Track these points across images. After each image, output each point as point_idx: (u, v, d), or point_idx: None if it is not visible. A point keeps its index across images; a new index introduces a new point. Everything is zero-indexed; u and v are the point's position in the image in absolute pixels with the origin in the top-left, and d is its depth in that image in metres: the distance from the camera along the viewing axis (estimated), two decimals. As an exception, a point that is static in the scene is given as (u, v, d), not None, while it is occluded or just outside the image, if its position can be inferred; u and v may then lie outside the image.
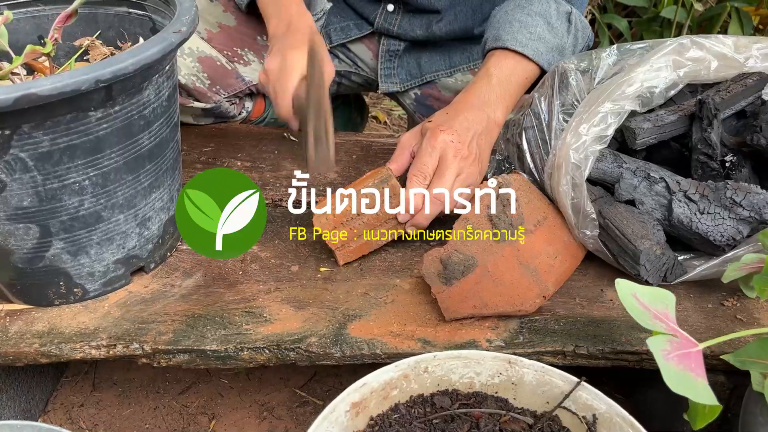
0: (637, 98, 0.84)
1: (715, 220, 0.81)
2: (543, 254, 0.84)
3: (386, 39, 1.34)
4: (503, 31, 1.02)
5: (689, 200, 0.82)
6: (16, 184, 0.72)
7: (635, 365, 0.78)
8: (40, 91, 0.63)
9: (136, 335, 0.79)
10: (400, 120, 2.23)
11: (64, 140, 0.71)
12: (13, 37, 0.86)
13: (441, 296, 0.81)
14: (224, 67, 1.20)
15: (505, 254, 0.82)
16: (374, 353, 0.78)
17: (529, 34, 1.01)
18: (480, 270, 0.81)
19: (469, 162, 0.91)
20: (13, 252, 0.78)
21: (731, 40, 0.84)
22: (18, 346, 0.78)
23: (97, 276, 0.84)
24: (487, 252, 0.82)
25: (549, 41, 1.02)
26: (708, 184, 0.82)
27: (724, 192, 0.81)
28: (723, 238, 0.82)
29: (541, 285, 0.82)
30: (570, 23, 1.05)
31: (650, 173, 0.84)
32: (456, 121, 0.93)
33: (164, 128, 0.82)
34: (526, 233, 0.83)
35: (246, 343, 0.78)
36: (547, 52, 1.02)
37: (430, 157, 0.90)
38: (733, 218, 0.81)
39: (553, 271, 0.84)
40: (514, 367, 0.72)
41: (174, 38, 0.74)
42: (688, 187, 0.82)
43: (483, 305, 0.81)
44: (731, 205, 0.80)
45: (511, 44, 1.00)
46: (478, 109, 0.96)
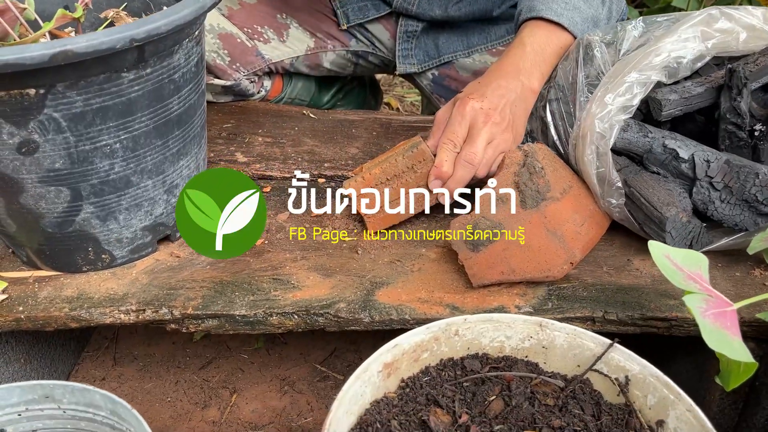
0: (663, 69, 0.83)
1: (733, 210, 0.81)
2: (570, 221, 0.84)
3: (404, 19, 1.34)
4: (537, 2, 1.01)
5: (712, 187, 0.82)
6: (49, 145, 0.72)
7: (665, 332, 0.78)
8: (76, 48, 0.63)
9: (165, 300, 0.79)
10: (412, 107, 2.23)
11: (97, 101, 0.71)
12: (40, 6, 0.86)
13: (468, 262, 0.81)
14: (244, 44, 1.20)
15: (533, 221, 0.82)
16: (403, 318, 0.78)
17: (564, 3, 0.99)
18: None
19: (501, 128, 0.90)
20: (44, 216, 0.78)
21: (761, 11, 0.84)
22: (48, 311, 0.78)
23: (125, 242, 0.84)
24: (514, 218, 0.82)
25: (584, 11, 1.01)
26: (736, 168, 0.81)
27: (750, 187, 0.80)
28: (737, 227, 0.82)
29: (569, 251, 0.82)
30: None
31: (679, 153, 0.84)
32: (488, 89, 0.93)
33: (193, 94, 0.82)
34: (552, 200, 0.83)
35: (275, 308, 0.78)
36: (582, 22, 1.00)
37: (460, 125, 0.89)
38: (752, 211, 0.81)
39: (579, 238, 0.84)
40: (545, 331, 0.72)
41: (205, 1, 0.74)
42: (716, 172, 0.82)
43: (510, 271, 0.81)
44: (753, 201, 0.80)
45: (546, 14, 0.99)
46: (512, 76, 0.95)
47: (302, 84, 1.39)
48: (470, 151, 0.88)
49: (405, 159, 0.89)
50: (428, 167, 0.89)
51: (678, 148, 0.83)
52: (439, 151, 0.89)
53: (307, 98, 1.40)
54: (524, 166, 0.85)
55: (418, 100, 2.19)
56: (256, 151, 1.11)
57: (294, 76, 1.36)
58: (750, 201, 0.79)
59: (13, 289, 0.82)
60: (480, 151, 0.88)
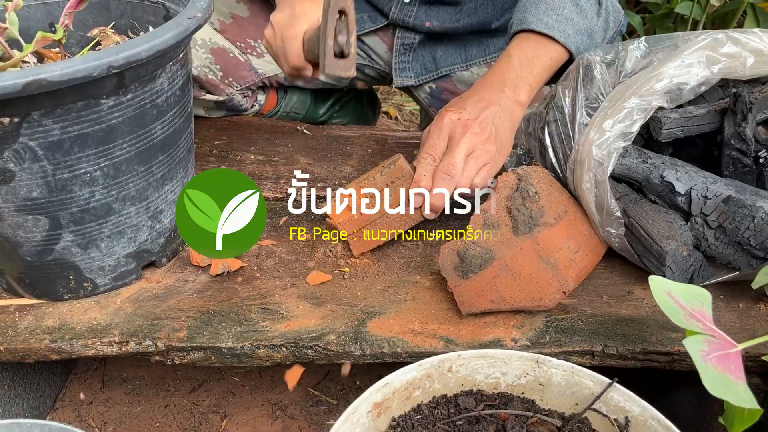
0: (665, 94, 0.80)
1: (727, 249, 0.79)
2: (563, 249, 0.81)
3: (401, 31, 1.31)
4: (528, 14, 0.98)
5: (706, 225, 0.79)
6: (26, 173, 0.69)
7: (666, 366, 0.75)
8: (50, 77, 0.61)
9: (150, 332, 0.77)
10: (411, 115, 2.20)
11: (75, 129, 0.68)
12: (24, 24, 0.84)
13: (458, 290, 0.79)
14: (237, 58, 1.18)
15: (524, 248, 0.79)
16: (395, 352, 0.75)
17: (556, 15, 0.97)
18: (498, 263, 0.78)
19: (482, 139, 0.87)
20: (22, 244, 0.75)
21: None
22: (28, 342, 0.76)
23: (108, 270, 0.82)
24: (505, 245, 0.79)
25: (577, 23, 0.98)
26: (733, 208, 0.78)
27: (743, 231, 0.77)
28: (730, 265, 0.80)
29: (561, 280, 0.79)
30: (600, 6, 1.01)
31: (675, 186, 0.81)
32: (468, 102, 0.90)
33: (178, 118, 0.80)
34: (546, 226, 0.80)
35: (262, 340, 0.76)
36: (575, 35, 0.98)
37: (438, 138, 0.86)
38: (745, 252, 0.78)
39: (573, 266, 0.81)
40: (542, 367, 0.70)
41: (189, 24, 0.72)
42: (711, 210, 0.79)
43: (501, 300, 0.78)
44: (746, 245, 0.77)
45: (536, 26, 0.96)
46: (496, 88, 0.93)
47: (297, 97, 1.36)
48: (448, 163, 0.85)
49: (383, 176, 0.86)
50: (408, 183, 0.86)
51: (675, 181, 0.80)
52: (417, 165, 0.86)
53: (302, 111, 1.37)
54: (517, 191, 0.82)
55: (418, 109, 2.16)
56: (248, 169, 1.08)
57: (289, 89, 1.33)
58: (743, 244, 0.76)
59: (-8, 319, 0.79)
60: (459, 162, 0.85)
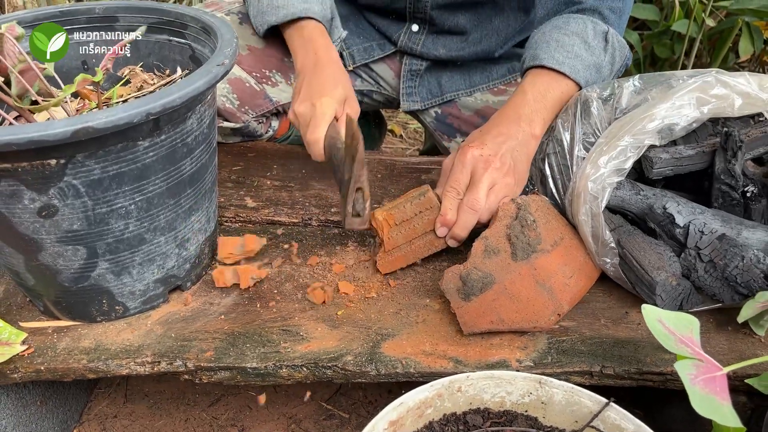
0: (657, 133, 0.86)
1: (714, 282, 0.84)
2: (559, 274, 0.87)
3: (408, 58, 1.37)
4: (540, 50, 1.05)
5: (699, 258, 0.85)
6: (68, 208, 0.75)
7: (660, 385, 0.81)
8: (96, 125, 0.67)
9: (180, 352, 0.82)
10: (415, 133, 2.26)
11: (114, 168, 0.74)
12: (58, 62, 0.89)
13: (460, 311, 0.85)
14: (253, 88, 1.24)
15: (522, 273, 0.85)
16: (408, 372, 0.81)
17: (566, 52, 1.03)
18: (498, 287, 0.84)
19: (502, 173, 0.94)
20: (61, 272, 0.81)
21: (755, 78, 0.86)
22: (67, 362, 0.81)
23: (138, 294, 0.88)
24: (504, 270, 0.85)
25: (586, 59, 1.04)
26: (725, 246, 0.83)
27: (732, 269, 0.82)
28: (715, 297, 0.85)
29: (556, 303, 0.85)
30: (607, 42, 1.07)
31: (675, 219, 0.86)
32: (488, 136, 0.97)
33: (204, 154, 0.85)
34: (543, 253, 0.86)
35: (284, 360, 0.81)
36: (584, 70, 1.04)
37: (462, 173, 0.93)
38: (731, 287, 0.83)
39: (568, 290, 0.87)
40: (544, 387, 0.75)
41: (218, 71, 0.77)
42: (705, 245, 0.84)
43: (500, 321, 0.84)
44: (733, 282, 0.83)
45: (548, 62, 1.03)
46: (513, 122, 1.00)
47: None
48: (472, 198, 0.92)
49: (413, 206, 0.93)
50: (435, 214, 0.93)
51: (676, 214, 0.86)
52: (443, 199, 0.93)
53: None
54: (517, 219, 0.88)
55: (422, 127, 2.22)
56: (265, 195, 1.14)
57: (300, 114, 1.39)
58: (730, 280, 0.82)
59: (33, 340, 0.85)
60: (482, 197, 0.92)
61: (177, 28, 0.95)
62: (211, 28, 0.89)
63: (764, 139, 0.91)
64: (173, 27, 0.95)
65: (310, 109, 1.01)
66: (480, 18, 1.30)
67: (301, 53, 1.11)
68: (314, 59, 1.08)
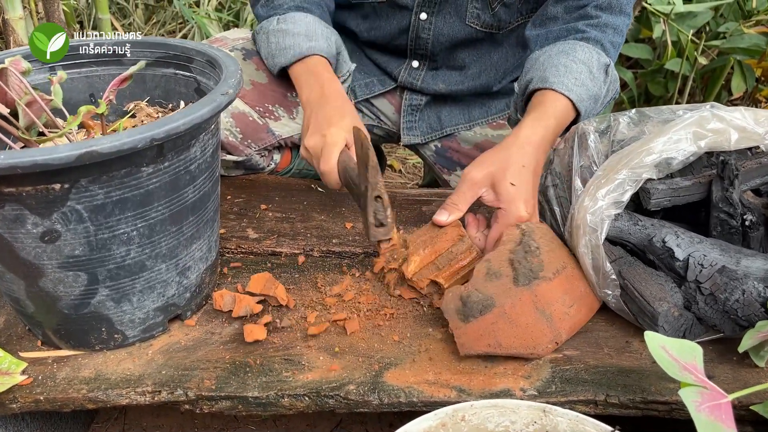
0: (654, 167, 0.87)
1: (715, 315, 0.83)
2: (559, 302, 0.86)
3: (409, 93, 1.39)
4: (549, 74, 1.04)
5: (699, 291, 0.85)
6: (71, 234, 0.75)
7: (665, 415, 0.80)
8: (100, 149, 0.67)
9: (180, 382, 0.81)
10: (414, 168, 2.28)
11: (118, 193, 0.75)
12: (67, 95, 0.91)
13: (458, 332, 0.84)
14: (256, 122, 1.25)
15: (523, 298, 0.85)
16: (411, 401, 0.80)
17: (574, 79, 1.03)
18: (497, 311, 0.84)
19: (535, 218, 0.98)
20: (61, 298, 0.81)
21: (750, 113, 0.87)
22: (66, 392, 0.80)
23: (137, 323, 0.87)
24: (505, 294, 0.85)
25: (590, 89, 1.04)
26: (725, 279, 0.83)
27: (732, 302, 0.82)
28: (716, 328, 0.85)
29: (555, 331, 0.85)
30: (607, 75, 1.08)
31: (675, 252, 0.86)
32: (528, 188, 0.97)
33: (207, 182, 0.86)
34: (544, 280, 0.86)
35: (286, 390, 0.80)
36: (587, 99, 1.04)
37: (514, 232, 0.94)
38: (732, 320, 0.83)
39: (567, 319, 0.86)
40: (549, 416, 0.74)
41: (222, 99, 0.79)
42: (705, 278, 0.84)
43: (497, 345, 0.83)
44: (733, 315, 0.82)
45: (558, 87, 1.02)
46: (535, 155, 0.99)
47: (310, 156, 1.44)
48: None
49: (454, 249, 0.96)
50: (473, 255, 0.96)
51: (676, 247, 0.86)
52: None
53: (313, 170, 1.44)
54: (520, 245, 0.88)
55: (421, 162, 2.24)
56: (267, 226, 1.14)
57: (302, 148, 1.41)
58: (730, 313, 0.82)
59: (32, 370, 0.84)
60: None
61: (183, 62, 0.97)
62: (216, 61, 0.90)
63: (760, 170, 0.92)
64: (179, 60, 0.97)
65: (320, 141, 1.02)
66: (479, 53, 1.32)
67: (306, 88, 1.12)
68: (319, 92, 1.09)
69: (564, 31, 1.11)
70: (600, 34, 1.09)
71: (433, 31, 1.27)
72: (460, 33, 1.27)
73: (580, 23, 1.10)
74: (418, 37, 1.28)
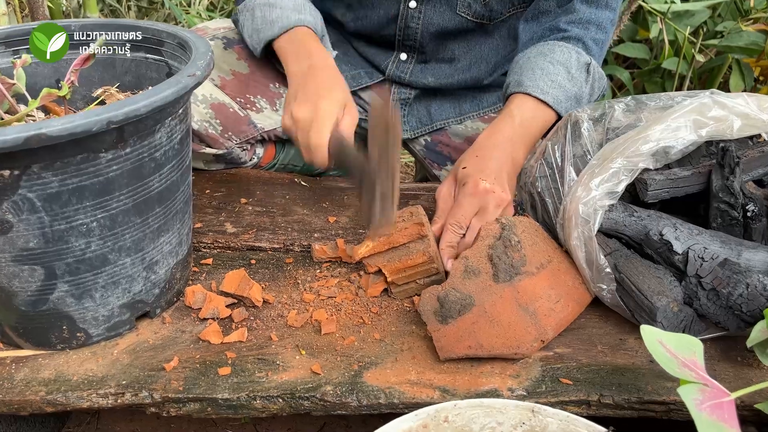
0: (651, 156, 0.82)
1: (718, 311, 0.79)
2: (544, 297, 0.82)
3: (397, 87, 1.34)
4: (525, 77, 1.04)
5: (700, 286, 0.80)
6: (23, 224, 0.70)
7: (663, 415, 0.75)
8: (50, 132, 0.62)
9: (146, 383, 0.76)
10: (405, 167, 2.23)
11: (74, 181, 0.70)
12: (31, 80, 0.86)
13: (436, 335, 0.79)
14: (237, 113, 1.20)
15: (504, 295, 0.80)
16: (392, 402, 0.75)
17: (550, 81, 1.03)
18: (477, 310, 0.79)
19: (509, 207, 0.95)
20: (17, 294, 0.76)
21: (754, 99, 0.82)
22: (23, 394, 0.75)
23: (101, 320, 0.82)
24: (485, 292, 0.80)
25: (568, 90, 1.04)
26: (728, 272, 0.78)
27: (736, 297, 0.77)
28: (720, 325, 0.80)
29: (540, 329, 0.80)
30: (588, 74, 1.06)
31: (673, 246, 0.81)
32: (489, 166, 0.96)
33: (175, 172, 0.81)
34: (527, 275, 0.81)
35: (259, 391, 0.75)
36: (565, 100, 1.03)
37: (471, 206, 0.92)
38: (736, 316, 0.78)
39: (553, 315, 0.81)
40: (538, 417, 0.69)
41: (188, 81, 0.74)
42: (706, 273, 0.79)
43: (478, 346, 0.78)
44: (738, 310, 0.78)
45: (532, 90, 1.02)
46: (504, 149, 0.99)
47: (295, 150, 1.38)
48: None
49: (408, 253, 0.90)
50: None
51: (674, 240, 0.81)
52: (443, 234, 0.93)
53: (299, 164, 1.39)
54: (500, 239, 0.84)
55: (412, 161, 2.19)
56: (246, 220, 1.09)
57: (287, 142, 1.35)
58: (734, 309, 0.77)
59: (-12, 371, 0.79)
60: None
61: (153, 45, 0.92)
62: (187, 43, 0.86)
63: (762, 159, 0.87)
64: (150, 44, 0.92)
65: (311, 113, 0.94)
66: (469, 45, 1.27)
67: (293, 58, 1.06)
68: (309, 63, 1.03)
69: (547, 30, 1.11)
70: (582, 32, 1.08)
71: (422, 21, 1.22)
72: (451, 23, 1.22)
73: (562, 21, 1.09)
74: (407, 27, 1.24)
